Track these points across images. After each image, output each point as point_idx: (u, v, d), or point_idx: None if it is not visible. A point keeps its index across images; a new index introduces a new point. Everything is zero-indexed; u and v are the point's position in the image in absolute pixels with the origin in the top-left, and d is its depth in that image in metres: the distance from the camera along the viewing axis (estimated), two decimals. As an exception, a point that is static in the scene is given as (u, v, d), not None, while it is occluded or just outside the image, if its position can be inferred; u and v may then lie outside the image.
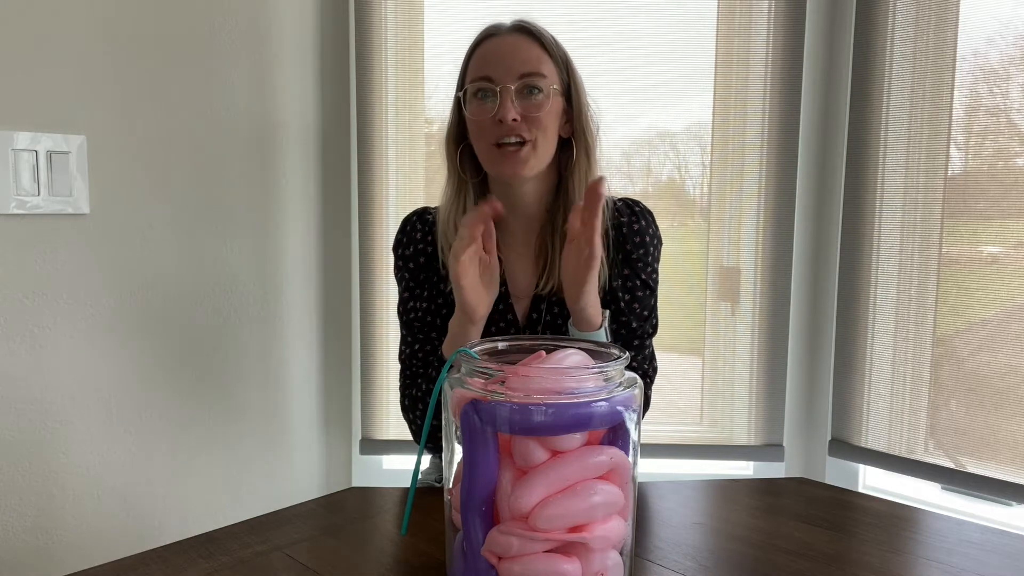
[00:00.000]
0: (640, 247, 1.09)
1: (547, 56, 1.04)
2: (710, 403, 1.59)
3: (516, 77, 1.01)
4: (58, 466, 1.23)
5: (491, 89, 1.01)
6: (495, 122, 1.00)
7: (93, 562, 0.72)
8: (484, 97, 1.02)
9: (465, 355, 0.61)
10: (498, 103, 1.00)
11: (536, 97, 1.01)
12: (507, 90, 1.00)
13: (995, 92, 1.33)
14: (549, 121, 1.02)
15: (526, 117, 1.01)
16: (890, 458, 1.47)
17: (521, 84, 1.01)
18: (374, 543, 0.78)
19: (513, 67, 1.01)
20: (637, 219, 1.10)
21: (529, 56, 1.02)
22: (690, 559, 0.74)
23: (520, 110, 1.00)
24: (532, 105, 1.01)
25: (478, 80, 1.03)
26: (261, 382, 1.51)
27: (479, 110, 1.03)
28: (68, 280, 1.23)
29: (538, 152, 1.03)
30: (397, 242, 1.15)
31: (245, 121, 1.44)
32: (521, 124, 1.00)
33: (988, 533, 0.81)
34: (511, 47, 1.03)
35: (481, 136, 1.03)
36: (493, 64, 1.02)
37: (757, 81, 1.51)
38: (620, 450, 0.59)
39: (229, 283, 1.43)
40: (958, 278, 1.39)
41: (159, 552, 0.74)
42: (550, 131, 1.03)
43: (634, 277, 1.09)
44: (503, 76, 1.01)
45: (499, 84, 1.01)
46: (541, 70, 1.02)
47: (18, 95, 1.16)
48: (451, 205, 1.09)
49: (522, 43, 1.03)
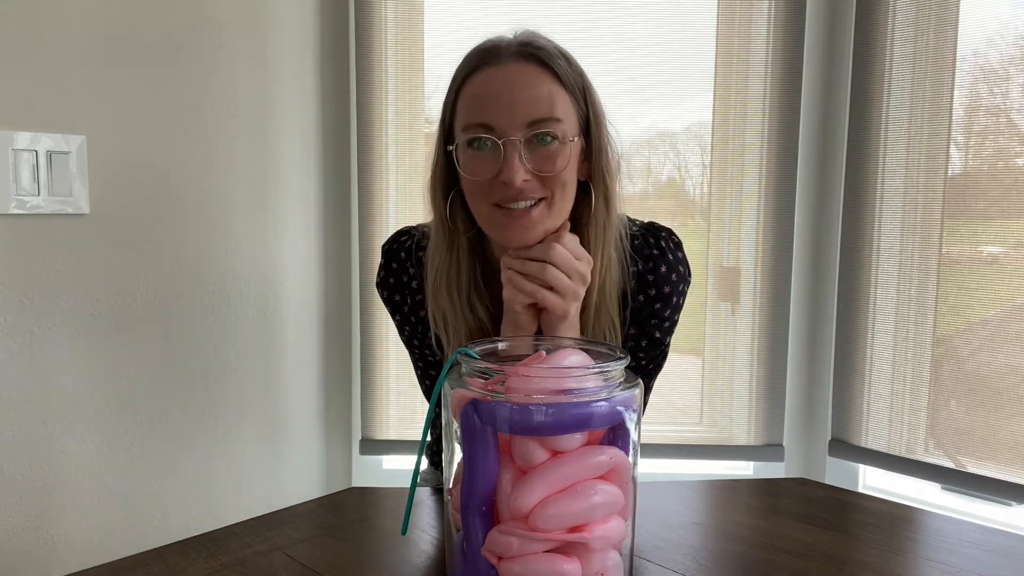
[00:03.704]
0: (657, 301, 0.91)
1: (562, 89, 0.82)
2: (710, 403, 1.59)
3: (524, 126, 0.79)
4: (58, 466, 1.23)
5: (491, 140, 0.80)
6: (498, 182, 0.80)
7: (93, 562, 0.72)
8: (482, 147, 0.81)
9: (465, 355, 0.61)
10: (503, 159, 0.79)
11: (550, 147, 0.80)
12: (513, 144, 0.79)
13: (995, 92, 1.33)
14: (568, 175, 0.82)
15: (539, 175, 0.80)
16: (890, 458, 1.47)
17: (531, 134, 0.80)
18: (374, 543, 0.77)
19: (520, 112, 0.79)
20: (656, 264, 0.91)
21: (539, 95, 0.80)
22: (690, 559, 0.74)
23: (531, 167, 0.80)
24: (546, 159, 0.80)
25: (474, 127, 0.81)
26: (261, 382, 1.51)
27: (476, 165, 0.81)
28: (68, 280, 1.22)
29: (554, 210, 0.82)
30: (381, 282, 1.00)
31: (245, 121, 1.44)
32: (533, 183, 0.80)
33: (988, 533, 0.81)
34: (516, 83, 0.80)
35: (480, 196, 0.83)
36: (494, 107, 0.80)
37: (757, 81, 1.51)
38: (620, 450, 0.59)
39: (229, 283, 1.43)
40: (958, 278, 1.39)
41: (159, 552, 0.74)
42: (569, 185, 0.83)
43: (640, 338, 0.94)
44: (507, 125, 0.79)
45: (503, 136, 0.79)
46: (555, 113, 0.80)
47: (18, 95, 1.16)
48: (442, 267, 0.90)
49: (530, 76, 0.81)
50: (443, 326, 0.92)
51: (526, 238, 0.82)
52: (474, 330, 0.91)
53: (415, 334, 1.00)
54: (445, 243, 0.89)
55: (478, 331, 0.92)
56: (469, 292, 0.90)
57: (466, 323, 0.91)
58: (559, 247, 0.82)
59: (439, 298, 0.90)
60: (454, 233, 0.89)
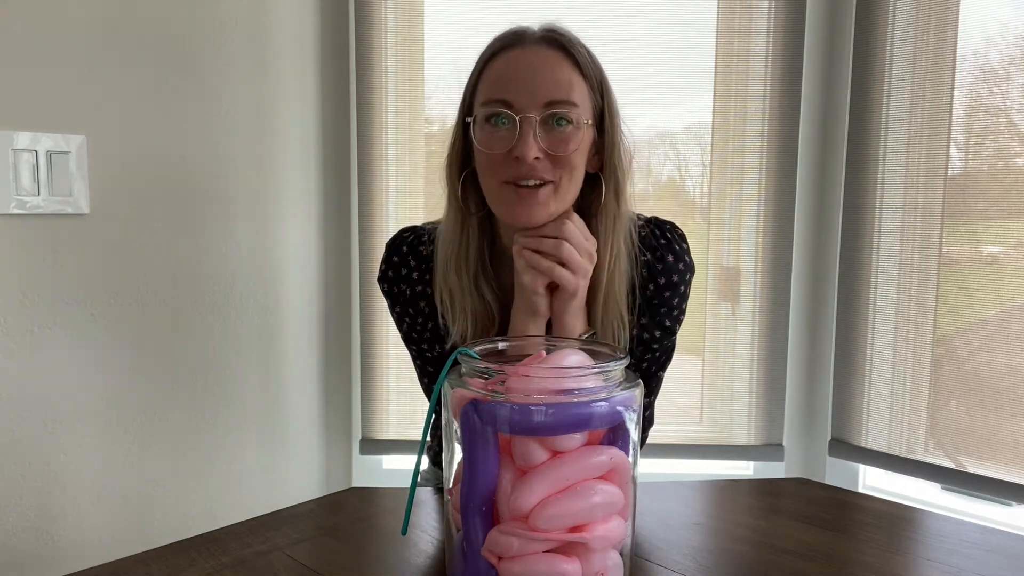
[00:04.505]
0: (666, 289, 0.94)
1: (581, 78, 0.86)
2: (710, 403, 1.59)
3: (541, 105, 0.83)
4: (58, 466, 1.23)
5: (509, 116, 0.83)
6: (511, 158, 0.83)
7: (93, 562, 0.72)
8: (498, 123, 0.84)
9: (465, 355, 0.61)
10: (517, 135, 0.83)
11: (564, 130, 0.84)
12: (529, 121, 0.82)
13: (995, 92, 1.33)
14: (577, 159, 0.86)
15: (550, 155, 0.84)
16: (890, 458, 1.47)
17: (547, 114, 0.83)
18: (374, 543, 0.78)
19: (539, 92, 0.83)
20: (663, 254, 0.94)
21: (559, 78, 0.84)
22: (690, 559, 0.74)
23: (544, 146, 0.83)
24: (559, 140, 0.84)
25: (493, 103, 0.85)
26: (261, 382, 1.51)
27: (492, 139, 0.85)
28: (68, 280, 1.22)
29: (560, 195, 0.86)
30: (382, 275, 1.01)
31: (245, 121, 1.44)
32: (544, 162, 0.83)
33: (988, 533, 0.81)
34: (537, 65, 0.85)
35: (491, 171, 0.86)
36: (514, 86, 0.84)
37: (757, 81, 1.51)
38: (620, 450, 0.59)
39: (229, 283, 1.43)
40: (958, 278, 1.39)
41: (159, 552, 0.74)
42: (577, 171, 0.87)
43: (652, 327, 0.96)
44: (526, 103, 0.83)
45: (520, 113, 0.83)
46: (572, 97, 0.84)
47: (18, 95, 1.16)
48: (451, 244, 0.92)
49: (551, 60, 0.85)
50: (449, 305, 0.94)
51: (531, 217, 0.85)
52: (479, 315, 0.93)
53: (414, 327, 1.01)
54: (457, 222, 0.92)
55: (483, 316, 0.93)
56: (476, 273, 0.93)
57: (472, 305, 0.93)
58: (570, 224, 0.86)
59: (448, 276, 0.92)
60: (465, 213, 0.92)
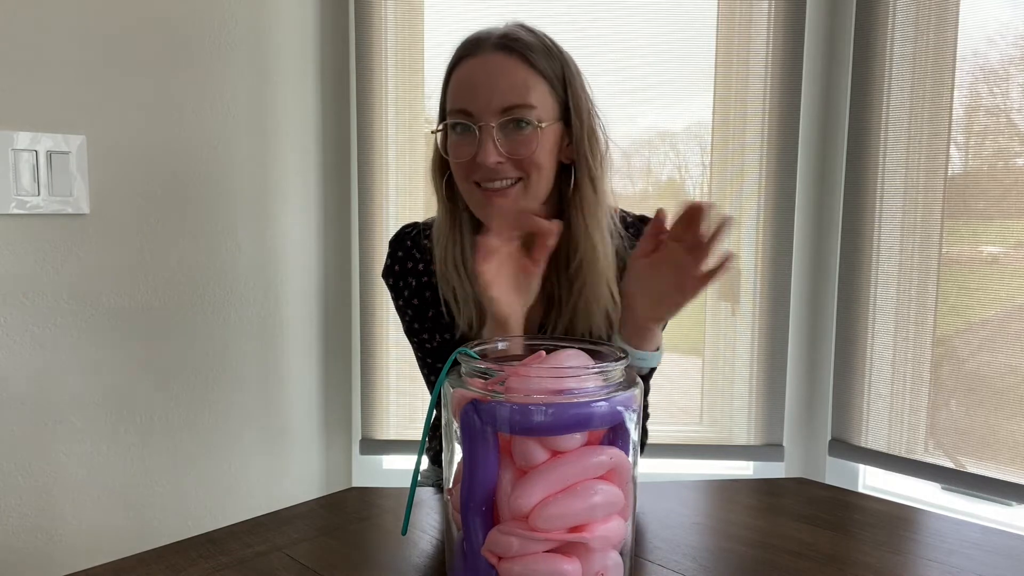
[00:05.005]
0: None
1: (537, 77, 0.89)
2: (710, 403, 1.59)
3: (498, 111, 0.87)
4: (58, 466, 1.23)
5: (469, 125, 0.89)
6: (476, 163, 0.88)
7: (93, 562, 0.72)
8: (463, 132, 0.90)
9: (465, 355, 0.61)
10: (478, 142, 0.88)
11: (523, 132, 0.88)
12: (487, 129, 0.87)
13: (995, 92, 1.33)
14: (542, 156, 0.89)
15: (512, 158, 0.88)
16: (890, 458, 1.47)
17: (505, 120, 0.88)
18: (374, 543, 0.78)
19: (493, 99, 0.87)
20: None
21: (513, 82, 0.88)
22: (690, 559, 0.74)
23: (505, 151, 0.88)
24: (519, 143, 0.88)
25: (455, 113, 0.90)
26: (261, 382, 1.51)
27: (457, 148, 0.91)
28: (68, 280, 1.23)
29: (531, 190, 0.90)
30: (387, 270, 1.04)
31: (245, 121, 1.44)
32: (507, 164, 0.88)
33: (988, 533, 0.81)
34: (491, 72, 0.89)
35: (462, 176, 0.91)
36: (471, 95, 0.89)
37: (757, 81, 1.51)
38: (620, 450, 0.59)
39: (229, 283, 1.43)
40: (958, 278, 1.39)
41: (159, 552, 0.74)
42: (545, 166, 0.90)
43: None
44: (482, 111, 0.88)
45: (479, 122, 0.88)
46: (528, 100, 0.88)
47: (18, 95, 1.16)
48: (446, 240, 0.97)
49: (504, 66, 0.89)
50: (452, 298, 0.98)
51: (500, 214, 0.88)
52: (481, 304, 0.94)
53: (416, 318, 1.04)
54: (448, 219, 0.97)
55: None
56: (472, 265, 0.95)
57: (474, 295, 0.95)
58: None
59: (447, 272, 0.97)
60: (454, 210, 0.97)
